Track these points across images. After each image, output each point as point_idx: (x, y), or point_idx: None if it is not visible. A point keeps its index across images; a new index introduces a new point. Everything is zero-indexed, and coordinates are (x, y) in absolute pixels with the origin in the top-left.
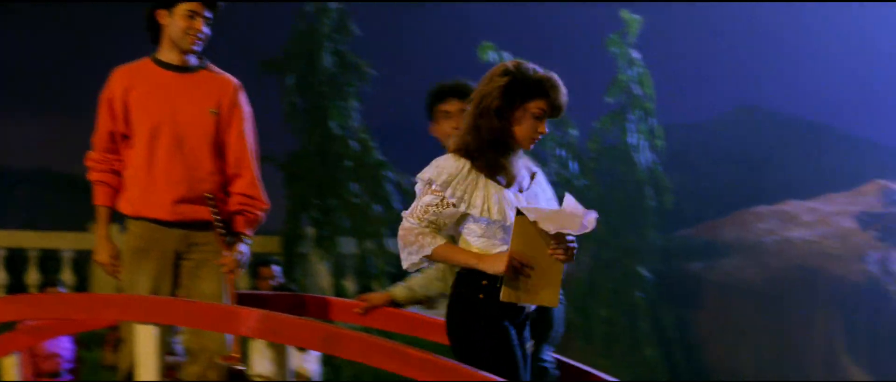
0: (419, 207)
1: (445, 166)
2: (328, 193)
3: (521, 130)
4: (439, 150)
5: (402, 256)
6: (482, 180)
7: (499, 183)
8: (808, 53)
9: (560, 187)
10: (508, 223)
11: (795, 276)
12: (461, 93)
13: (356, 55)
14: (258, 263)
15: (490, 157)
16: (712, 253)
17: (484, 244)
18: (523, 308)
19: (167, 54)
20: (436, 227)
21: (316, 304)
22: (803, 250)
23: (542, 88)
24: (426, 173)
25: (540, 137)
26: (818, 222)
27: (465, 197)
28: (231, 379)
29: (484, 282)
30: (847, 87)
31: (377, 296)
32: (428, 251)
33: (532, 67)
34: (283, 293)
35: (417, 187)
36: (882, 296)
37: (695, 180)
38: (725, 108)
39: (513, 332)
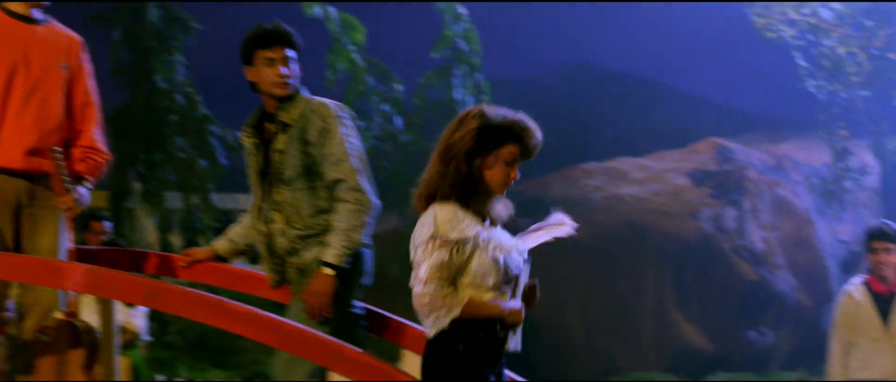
0: (432, 267)
1: (437, 216)
2: (154, 147)
3: (493, 175)
4: (257, 98)
5: (429, 321)
6: (473, 225)
7: (485, 226)
8: (641, 10)
9: (385, 142)
10: (500, 270)
11: (625, 233)
12: (287, 40)
13: (181, 10)
14: (90, 217)
15: (467, 200)
16: (540, 209)
17: (472, 295)
18: (502, 354)
19: (16, 5)
20: (451, 281)
21: (143, 259)
22: (633, 206)
23: (514, 133)
24: (423, 234)
25: (512, 182)
26: (649, 179)
27: (470, 237)
28: (65, 334)
29: (461, 347)
30: (679, 45)
31: (201, 251)
32: (456, 312)
33: (502, 110)
34: (112, 248)
35: (417, 252)
36: (714, 253)
37: None
38: (555, 64)
39: (493, 380)
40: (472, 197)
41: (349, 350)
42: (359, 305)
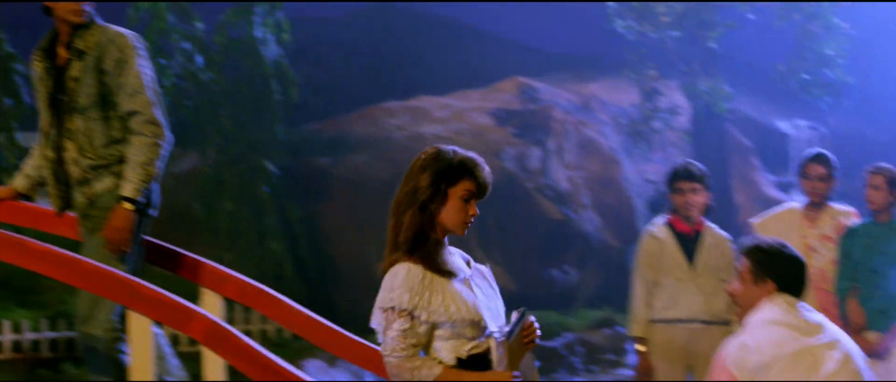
0: (395, 337)
1: (397, 283)
2: None
3: (450, 215)
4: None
5: None
6: (434, 279)
7: (445, 277)
8: None
9: (186, 80)
10: (475, 318)
11: None
12: None
13: None
14: None
15: (425, 250)
16: (340, 148)
17: (453, 346)
18: None
19: None
20: (418, 348)
21: None
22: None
23: (466, 169)
24: (384, 302)
25: (472, 220)
26: (452, 118)
27: (431, 307)
28: None
29: None
30: None
31: (2, 190)
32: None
33: (451, 149)
34: None
35: (377, 319)
36: (518, 192)
37: (324, 74)
38: (357, 3)
39: None
40: (426, 249)
41: (147, 288)
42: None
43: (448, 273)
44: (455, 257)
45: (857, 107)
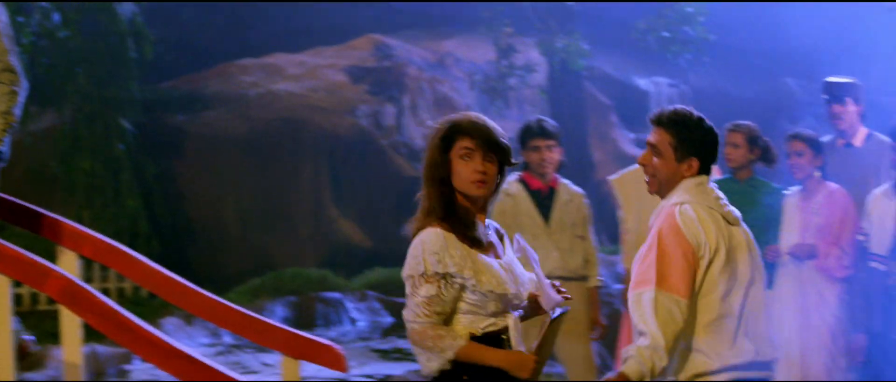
0: (419, 304)
1: (426, 247)
2: None
3: (459, 179)
4: None
5: (421, 360)
6: (463, 247)
7: (475, 248)
8: None
9: (43, 38)
10: (506, 293)
11: (282, 129)
12: None
13: None
14: None
15: (454, 218)
16: (195, 105)
17: (470, 321)
18: None
19: None
20: (443, 316)
21: None
22: (289, 102)
23: (457, 128)
24: (411, 268)
25: (483, 176)
26: (305, 75)
27: (461, 272)
28: None
29: (465, 377)
30: None
31: None
32: (450, 355)
33: (452, 116)
34: None
35: (406, 285)
36: (372, 149)
37: (179, 32)
38: None
39: None
40: (455, 217)
41: (3, 246)
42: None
43: (477, 242)
44: (490, 230)
45: (717, 64)
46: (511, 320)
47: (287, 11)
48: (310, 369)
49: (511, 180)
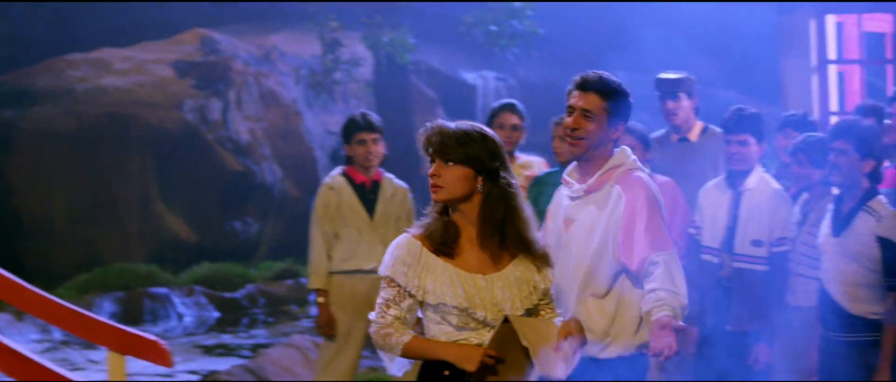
0: (379, 304)
1: (391, 250)
2: None
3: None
4: None
5: (384, 361)
6: (431, 259)
7: (446, 258)
8: None
9: None
10: (465, 308)
11: (109, 124)
12: None
13: None
14: None
15: (431, 229)
16: (24, 100)
17: (441, 331)
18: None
19: None
20: (399, 320)
21: None
22: (116, 97)
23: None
24: (381, 267)
25: (432, 179)
26: (132, 69)
27: (419, 283)
28: None
29: (446, 372)
30: None
31: None
32: (398, 351)
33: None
34: None
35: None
36: (199, 144)
37: (7, 26)
38: None
39: None
40: (435, 227)
41: None
42: None
43: (448, 255)
44: (477, 250)
45: (546, 58)
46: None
47: (115, 6)
48: (137, 365)
49: (334, 175)
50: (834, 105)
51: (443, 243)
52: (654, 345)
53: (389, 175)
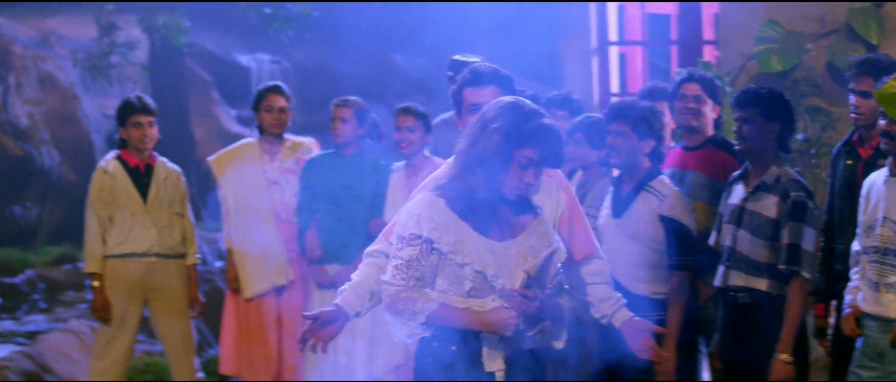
0: (399, 265)
1: (414, 209)
2: None
3: (508, 178)
4: None
5: (395, 325)
6: (453, 218)
7: (467, 221)
8: None
9: None
10: (484, 272)
11: None
12: None
13: None
14: None
15: (453, 191)
16: None
17: (442, 298)
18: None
19: None
20: (421, 282)
21: None
22: None
23: (535, 138)
24: (400, 227)
25: (528, 187)
26: None
27: (440, 237)
28: None
29: (453, 348)
30: None
31: None
32: (422, 318)
33: (531, 115)
34: None
35: (395, 244)
36: None
37: None
38: None
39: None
40: (464, 196)
41: None
42: None
43: (474, 219)
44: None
45: (323, 40)
46: (491, 307)
47: None
48: None
49: (109, 158)
50: (615, 87)
51: (467, 206)
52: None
53: (163, 159)
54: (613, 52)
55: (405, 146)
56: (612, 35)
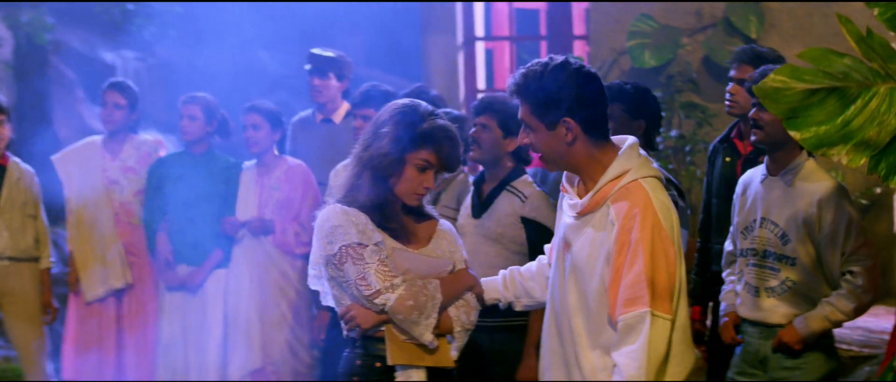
0: (377, 269)
1: (346, 219)
2: None
3: (405, 183)
4: None
5: (421, 327)
6: (375, 229)
7: (390, 234)
8: None
9: None
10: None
11: None
12: None
13: None
14: None
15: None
16: None
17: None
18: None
19: None
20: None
21: None
22: None
23: (432, 139)
24: (341, 238)
25: (426, 192)
26: None
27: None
28: None
29: (378, 364)
30: None
31: None
32: (437, 305)
33: (428, 116)
34: None
35: (338, 264)
36: None
37: None
38: None
39: None
40: (378, 208)
41: None
42: None
43: (385, 226)
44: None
45: (187, 36)
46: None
47: None
48: None
49: None
50: (481, 83)
51: (379, 214)
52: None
53: (16, 159)
54: (480, 47)
55: (253, 145)
56: (479, 30)
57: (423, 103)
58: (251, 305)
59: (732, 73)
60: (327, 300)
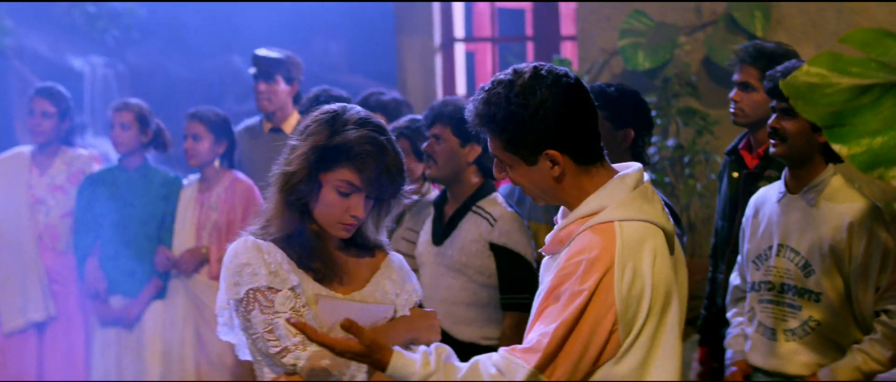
0: (285, 326)
1: (258, 257)
2: None
3: (325, 209)
4: None
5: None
6: (295, 268)
7: (313, 276)
8: None
9: None
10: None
11: None
12: None
13: None
14: None
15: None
16: None
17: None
18: None
19: None
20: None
21: None
22: None
23: (351, 155)
24: (248, 280)
25: (355, 222)
26: None
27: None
28: None
29: None
30: None
31: None
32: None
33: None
34: None
35: (245, 312)
36: None
37: None
38: None
39: None
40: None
41: None
42: None
43: (306, 264)
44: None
45: (158, 41)
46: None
47: None
48: None
49: None
50: (461, 88)
51: (300, 249)
52: None
53: None
54: (459, 49)
55: (192, 157)
56: (458, 32)
57: (352, 109)
58: (187, 346)
59: (735, 76)
60: (244, 353)
